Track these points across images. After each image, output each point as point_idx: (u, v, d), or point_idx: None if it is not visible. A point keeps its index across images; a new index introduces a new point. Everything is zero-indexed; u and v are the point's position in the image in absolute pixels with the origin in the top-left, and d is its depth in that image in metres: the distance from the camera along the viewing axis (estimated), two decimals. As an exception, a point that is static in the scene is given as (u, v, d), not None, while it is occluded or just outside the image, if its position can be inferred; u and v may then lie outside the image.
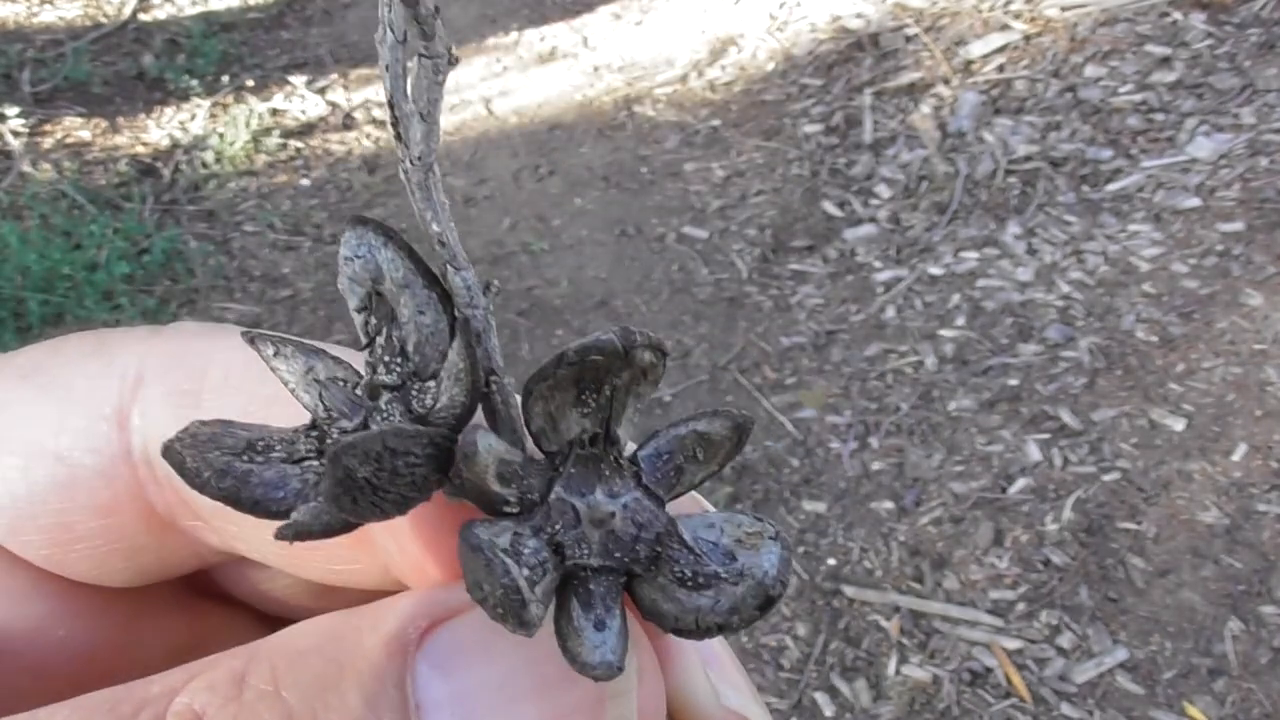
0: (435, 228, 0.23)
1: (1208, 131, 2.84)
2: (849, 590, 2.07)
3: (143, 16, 4.11)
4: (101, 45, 3.93)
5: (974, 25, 3.32)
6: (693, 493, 0.25)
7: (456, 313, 0.23)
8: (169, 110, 3.64)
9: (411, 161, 0.22)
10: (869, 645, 1.99)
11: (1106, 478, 2.18)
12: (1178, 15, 3.13)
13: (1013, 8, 3.32)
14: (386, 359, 0.22)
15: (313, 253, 3.09)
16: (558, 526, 0.22)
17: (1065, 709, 1.86)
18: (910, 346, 2.54)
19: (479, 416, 0.23)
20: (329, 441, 0.22)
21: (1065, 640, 1.95)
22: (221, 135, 3.49)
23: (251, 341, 0.24)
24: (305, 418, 0.23)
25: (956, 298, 2.64)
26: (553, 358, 0.21)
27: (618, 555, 0.22)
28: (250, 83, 3.75)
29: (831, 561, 2.13)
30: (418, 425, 0.21)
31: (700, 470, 0.23)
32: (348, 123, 3.62)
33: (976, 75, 3.19)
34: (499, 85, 3.77)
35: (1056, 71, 3.11)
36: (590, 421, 0.22)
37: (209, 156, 3.41)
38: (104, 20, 4.07)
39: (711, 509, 0.25)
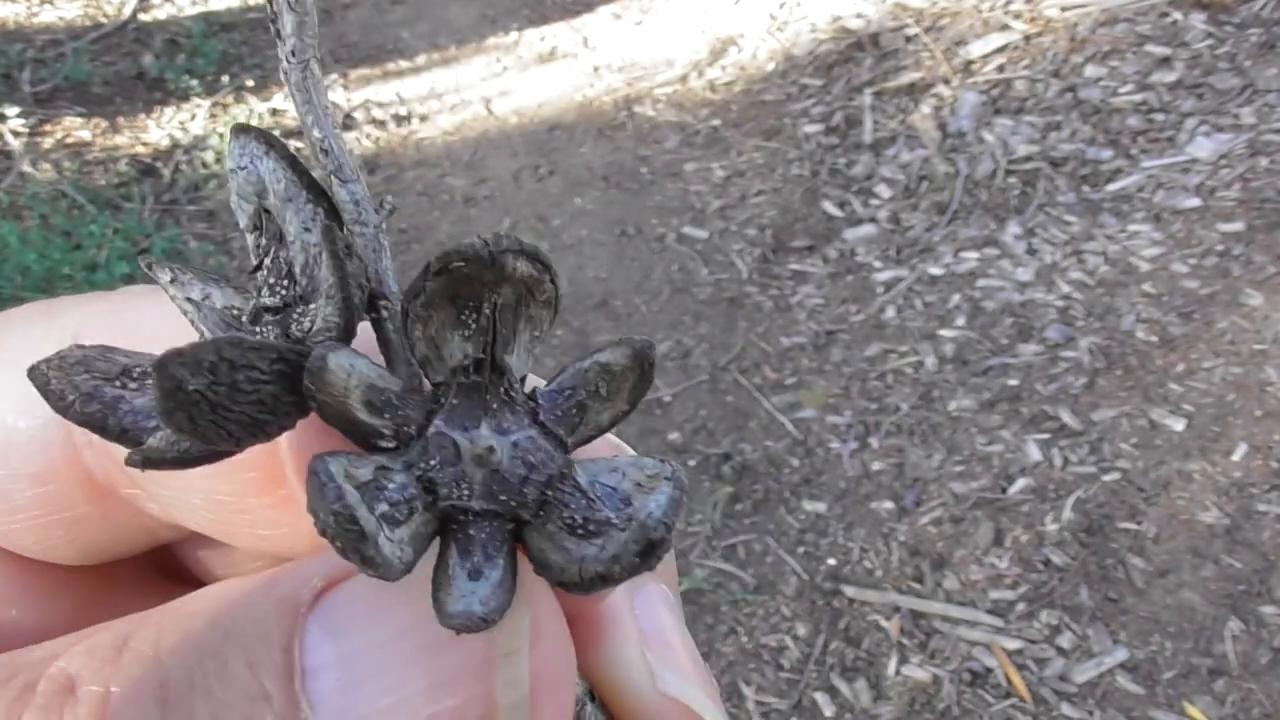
0: (316, 134, 0.21)
1: (1208, 131, 2.84)
2: (849, 590, 2.07)
3: (143, 16, 4.11)
4: (101, 45, 3.93)
5: (974, 25, 3.32)
6: (609, 436, 0.23)
7: (346, 230, 0.21)
8: (169, 110, 3.64)
9: (287, 59, 0.21)
10: (869, 645, 1.99)
11: (1106, 478, 2.18)
12: (1178, 15, 3.13)
13: (1013, 8, 3.32)
14: (272, 281, 0.20)
15: (313, 253, 3.09)
16: (433, 462, 0.19)
17: (1065, 709, 1.86)
18: (910, 346, 2.54)
19: (371, 349, 0.21)
20: None
21: (1065, 640, 1.95)
22: (221, 135, 3.49)
23: (149, 268, 0.22)
24: None
25: (956, 298, 2.64)
26: (420, 269, 0.19)
27: (503, 498, 0.19)
28: (250, 83, 3.75)
29: (831, 561, 2.13)
30: (266, 339, 0.19)
31: (605, 408, 0.21)
32: (347, 123, 3.62)
33: (976, 75, 3.19)
34: (499, 85, 3.78)
35: (1056, 71, 3.11)
36: (473, 345, 0.20)
37: (209, 156, 3.41)
38: (104, 20, 4.07)
39: (630, 453, 0.23)
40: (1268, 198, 2.64)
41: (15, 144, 3.38)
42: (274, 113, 3.62)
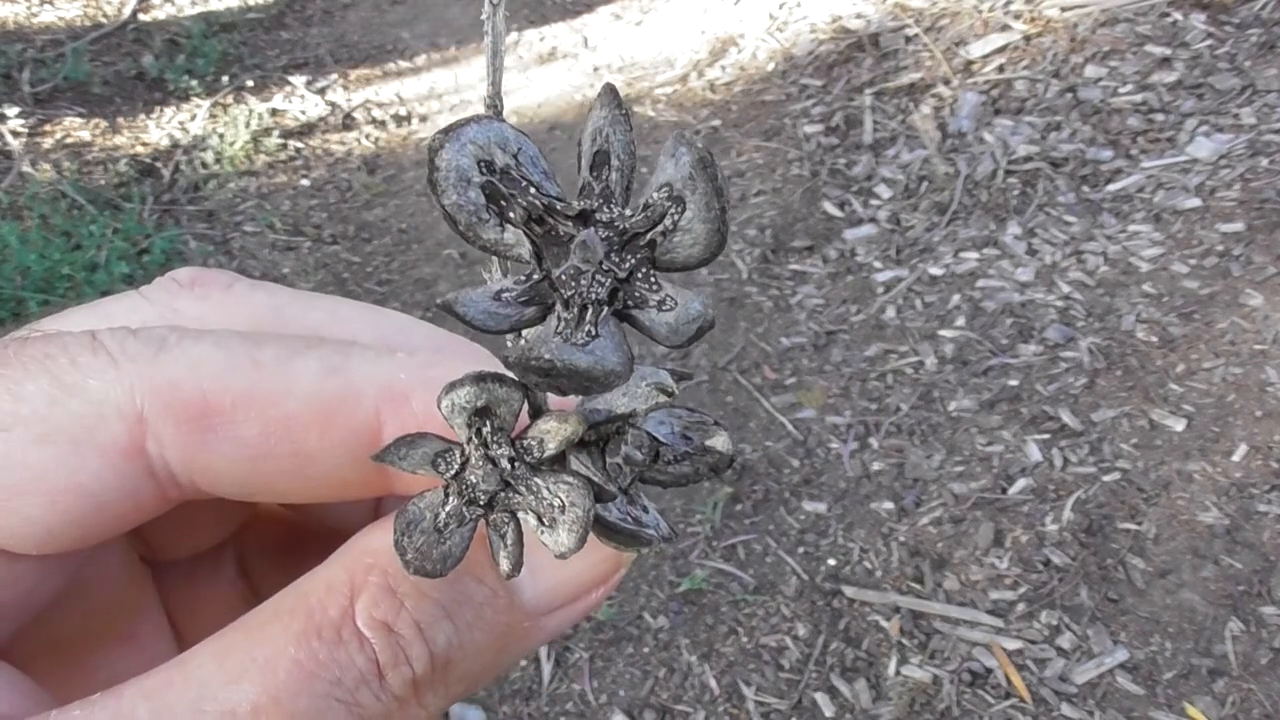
0: (493, 59, 0.32)
1: (1208, 132, 2.84)
2: (849, 590, 2.07)
3: (143, 16, 4.11)
4: (101, 45, 3.93)
5: (974, 25, 3.32)
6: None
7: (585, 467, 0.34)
8: (169, 110, 3.63)
9: (488, 12, 0.31)
10: (869, 645, 1.99)
11: (1106, 478, 2.18)
12: (1178, 15, 3.13)
13: (1013, 8, 3.32)
14: (496, 438, 0.31)
15: (312, 253, 3.09)
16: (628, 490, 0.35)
17: (1065, 709, 1.86)
18: (910, 346, 2.54)
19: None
20: (472, 488, 0.32)
21: (1065, 640, 1.95)
22: (221, 135, 3.49)
23: (380, 457, 0.31)
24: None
25: (956, 298, 2.64)
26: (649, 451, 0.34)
27: (642, 472, 0.35)
28: (250, 83, 3.75)
29: (831, 562, 2.13)
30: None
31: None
32: (347, 123, 3.62)
33: (976, 75, 3.19)
34: (499, 85, 3.77)
35: (1056, 72, 3.11)
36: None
37: (209, 157, 3.41)
38: (104, 20, 4.06)
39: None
40: (1268, 198, 2.64)
41: (15, 144, 3.38)
42: (274, 113, 3.62)
